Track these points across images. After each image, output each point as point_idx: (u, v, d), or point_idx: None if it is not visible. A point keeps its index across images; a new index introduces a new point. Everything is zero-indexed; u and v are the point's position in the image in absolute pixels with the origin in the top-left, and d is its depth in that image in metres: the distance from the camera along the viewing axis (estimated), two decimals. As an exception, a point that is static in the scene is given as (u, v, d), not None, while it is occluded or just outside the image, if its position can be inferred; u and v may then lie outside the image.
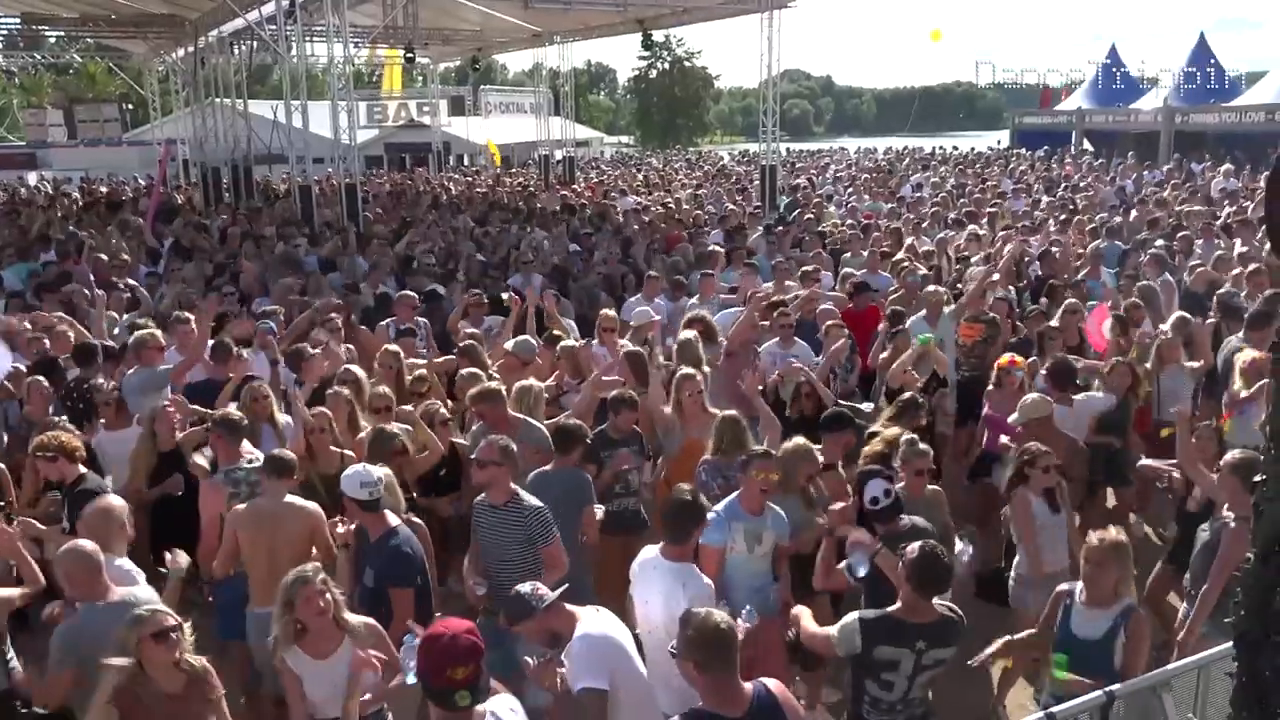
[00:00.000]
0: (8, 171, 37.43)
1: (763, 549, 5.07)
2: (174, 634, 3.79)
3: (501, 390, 6.41)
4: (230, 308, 9.76)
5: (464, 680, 3.10)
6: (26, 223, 18.58)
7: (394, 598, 4.70)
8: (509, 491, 5.10)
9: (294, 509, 5.26)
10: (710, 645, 3.30)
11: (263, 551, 5.12)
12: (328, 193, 20.82)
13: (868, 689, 4.05)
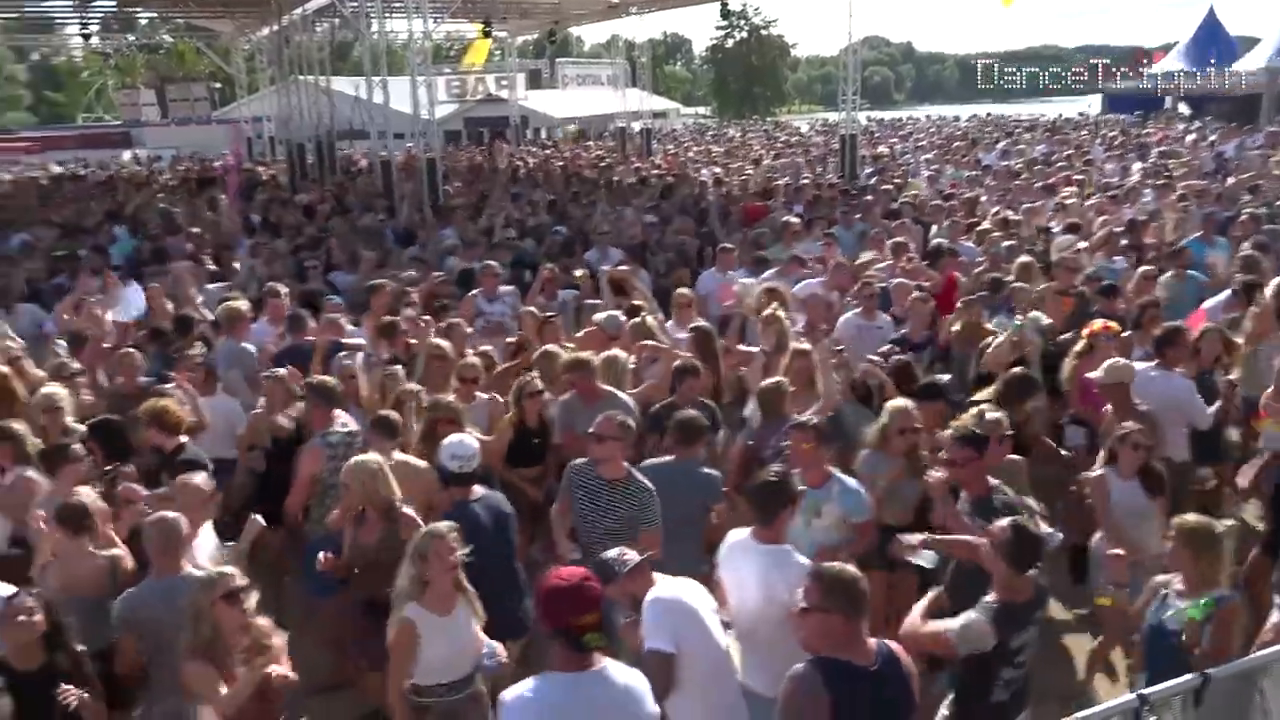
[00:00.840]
0: (104, 150, 38.74)
1: (823, 523, 4.99)
2: (242, 594, 3.96)
3: (592, 360, 6.43)
4: (317, 283, 9.98)
5: (593, 624, 3.29)
6: (124, 199, 19.23)
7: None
8: (624, 468, 5.12)
9: (412, 467, 5.44)
10: (851, 592, 3.35)
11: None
12: (408, 168, 21.10)
13: (1001, 675, 3.97)
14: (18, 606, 3.90)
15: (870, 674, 3.33)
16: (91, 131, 45.74)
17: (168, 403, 6.01)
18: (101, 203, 18.94)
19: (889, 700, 3.37)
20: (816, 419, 5.32)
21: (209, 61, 43.50)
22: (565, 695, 3.32)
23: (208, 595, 3.94)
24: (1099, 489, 5.42)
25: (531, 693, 3.34)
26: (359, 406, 6.58)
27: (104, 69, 52.55)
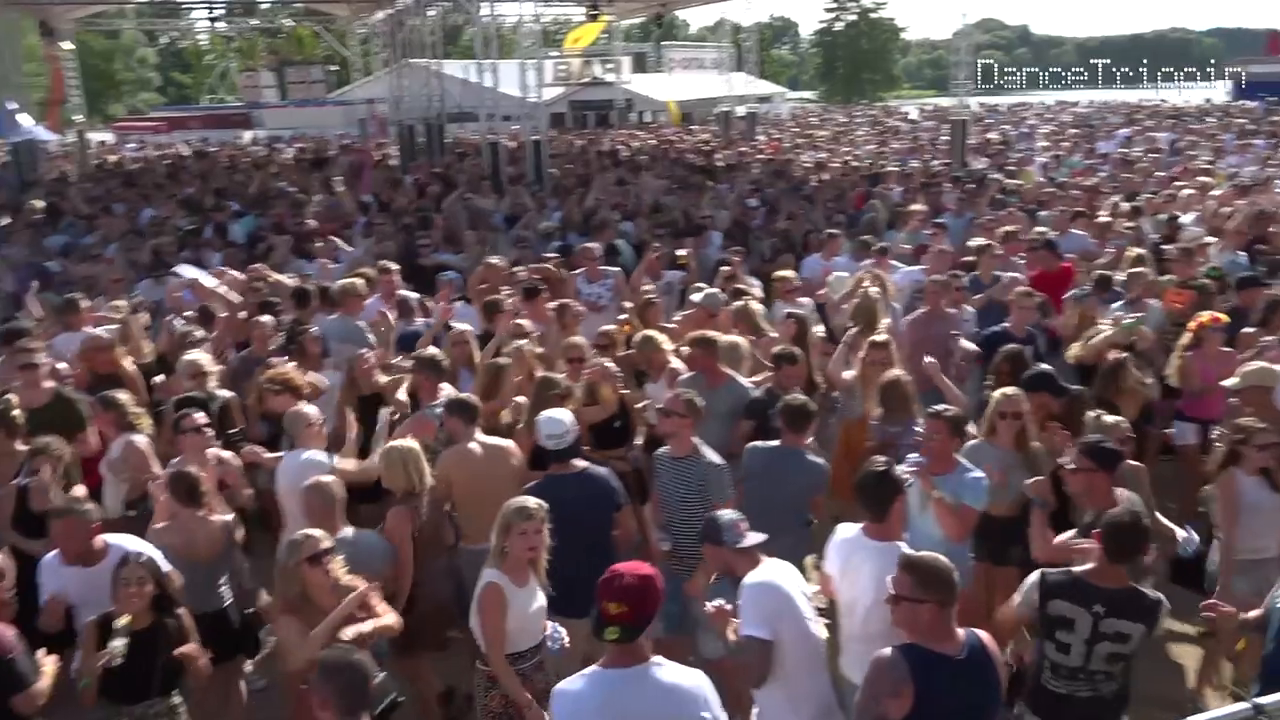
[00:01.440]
0: (226, 130, 40.28)
1: None
2: (326, 556, 4.14)
3: (717, 339, 6.43)
4: (428, 262, 10.25)
5: (616, 617, 3.23)
6: (245, 179, 19.98)
7: None
8: (690, 444, 5.17)
9: (501, 450, 5.52)
10: (943, 581, 3.38)
11: (474, 490, 5.36)
12: (514, 149, 21.41)
13: (1046, 652, 3.93)
14: (128, 577, 4.15)
15: (956, 663, 3.36)
16: (215, 112, 47.55)
17: (293, 371, 6.26)
18: (223, 181, 19.70)
19: (973, 690, 3.39)
20: (952, 410, 5.23)
21: (326, 45, 44.80)
22: (606, 691, 3.31)
23: (294, 557, 4.14)
24: (1227, 489, 5.22)
25: (576, 685, 3.36)
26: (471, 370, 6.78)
27: (227, 52, 54.59)
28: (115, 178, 22.23)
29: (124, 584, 4.13)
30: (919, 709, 3.29)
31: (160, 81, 75.76)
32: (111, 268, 10.10)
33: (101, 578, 4.27)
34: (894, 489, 4.31)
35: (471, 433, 5.51)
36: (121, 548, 4.52)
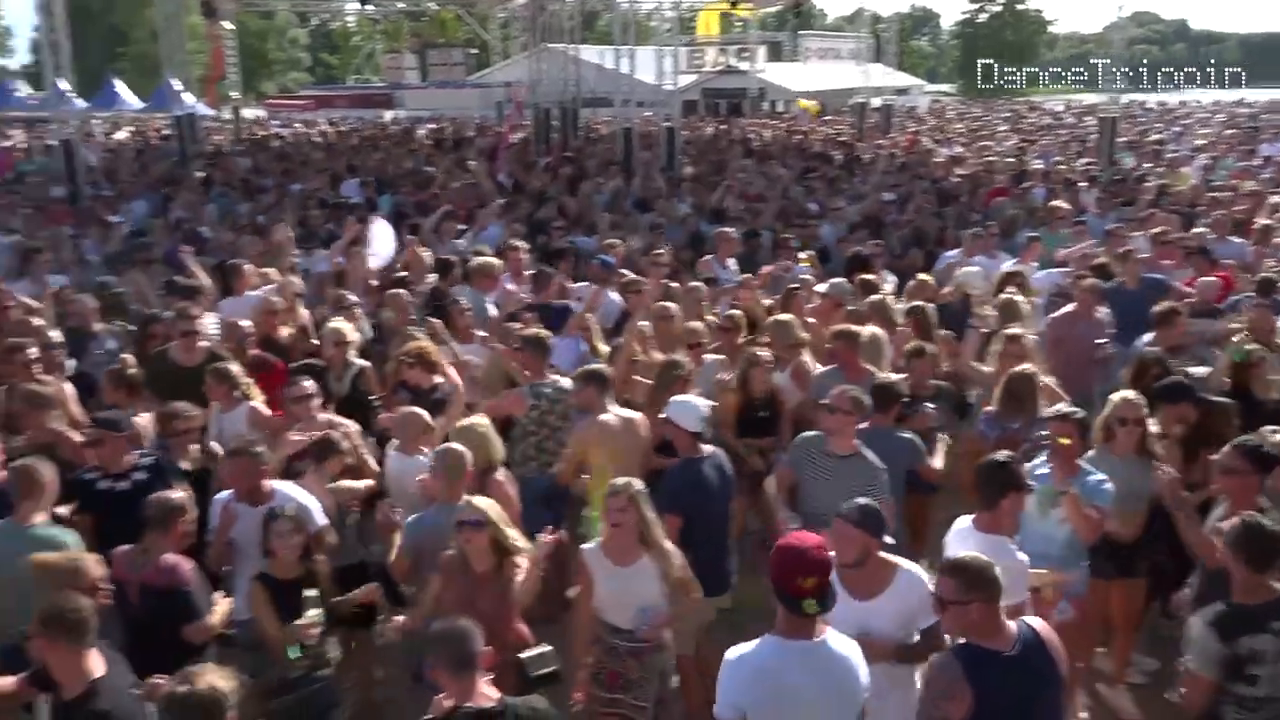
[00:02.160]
0: (369, 110, 41.68)
1: (1060, 513, 4.77)
2: (470, 529, 4.27)
3: (860, 333, 6.38)
4: (559, 242, 10.42)
5: (811, 589, 3.32)
6: (385, 157, 20.66)
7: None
8: (853, 444, 5.14)
9: (633, 422, 5.65)
10: (986, 578, 3.42)
11: (608, 460, 5.49)
12: (646, 135, 21.53)
13: (1233, 690, 3.72)
14: (278, 529, 4.40)
15: (1008, 659, 3.40)
16: (359, 92, 49.30)
17: (429, 344, 6.45)
18: (366, 158, 20.40)
19: (1026, 683, 3.43)
20: (1080, 411, 5.09)
21: (468, 28, 45.80)
22: (779, 659, 3.39)
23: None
24: None
25: (749, 653, 3.44)
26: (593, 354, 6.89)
27: (374, 34, 56.39)
28: (266, 151, 23.30)
29: (276, 535, 4.38)
30: (975, 706, 3.33)
31: (309, 62, 78.87)
32: (260, 238, 10.58)
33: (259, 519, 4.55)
34: (1009, 482, 4.30)
35: (605, 404, 5.65)
36: (285, 495, 4.80)
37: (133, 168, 19.46)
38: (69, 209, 13.83)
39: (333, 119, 38.19)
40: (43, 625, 3.46)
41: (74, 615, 3.48)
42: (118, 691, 3.51)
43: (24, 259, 9.52)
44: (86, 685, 3.46)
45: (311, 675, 4.40)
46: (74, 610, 3.49)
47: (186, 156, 21.08)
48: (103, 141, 27.51)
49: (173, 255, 9.91)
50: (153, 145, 26.12)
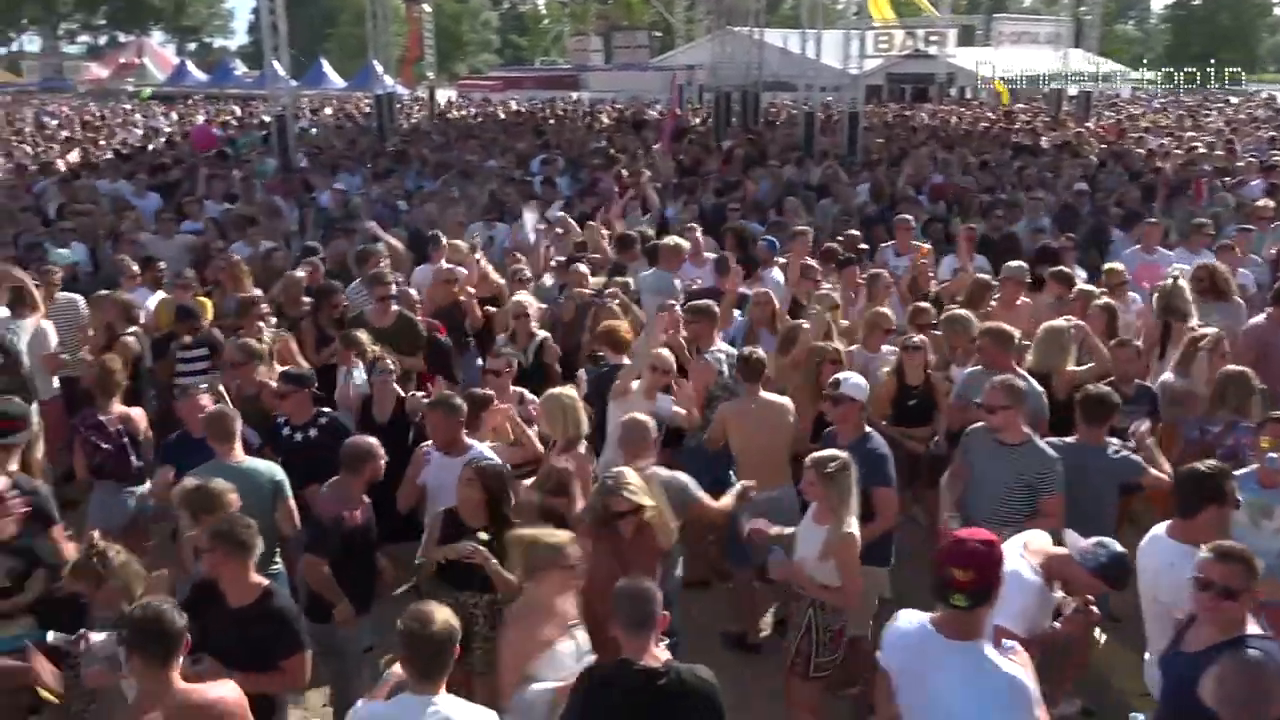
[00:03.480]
0: (555, 91, 42.71)
1: (1273, 524, 4.55)
2: (629, 516, 4.43)
3: (1010, 333, 6.21)
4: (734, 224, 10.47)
5: (964, 583, 3.24)
6: (571, 137, 21.19)
7: (877, 498, 4.97)
8: (1022, 432, 5.05)
9: (777, 405, 5.77)
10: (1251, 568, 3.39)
11: (749, 441, 5.67)
12: (827, 120, 21.24)
13: None
14: (464, 475, 4.70)
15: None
16: (545, 74, 50.54)
17: (620, 324, 6.66)
18: (551, 138, 20.98)
19: None
20: None
21: (654, 10, 46.25)
22: (930, 649, 3.33)
23: (606, 501, 4.49)
24: None
25: (906, 624, 3.45)
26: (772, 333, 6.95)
27: (561, 17, 57.66)
28: (457, 129, 24.30)
29: (459, 480, 4.68)
30: None
31: (499, 44, 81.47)
32: (453, 211, 11.10)
33: (459, 470, 4.84)
34: (1213, 495, 4.07)
35: (753, 389, 5.78)
36: (478, 450, 5.14)
37: (337, 143, 20.67)
38: (279, 180, 14.86)
39: (519, 99, 39.37)
40: (214, 540, 3.87)
41: (243, 532, 3.89)
42: (285, 596, 3.94)
43: (239, 226, 10.38)
44: (259, 592, 3.90)
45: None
46: (244, 527, 3.91)
47: (385, 133, 22.24)
48: (309, 118, 29.25)
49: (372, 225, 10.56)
50: (355, 122, 27.61)
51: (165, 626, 3.25)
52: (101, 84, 51.99)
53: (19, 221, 10.92)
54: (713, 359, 6.39)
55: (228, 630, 3.81)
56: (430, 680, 3.28)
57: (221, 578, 3.91)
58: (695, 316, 6.62)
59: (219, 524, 3.95)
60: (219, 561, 3.89)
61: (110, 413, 5.87)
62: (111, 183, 14.02)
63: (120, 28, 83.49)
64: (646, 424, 5.05)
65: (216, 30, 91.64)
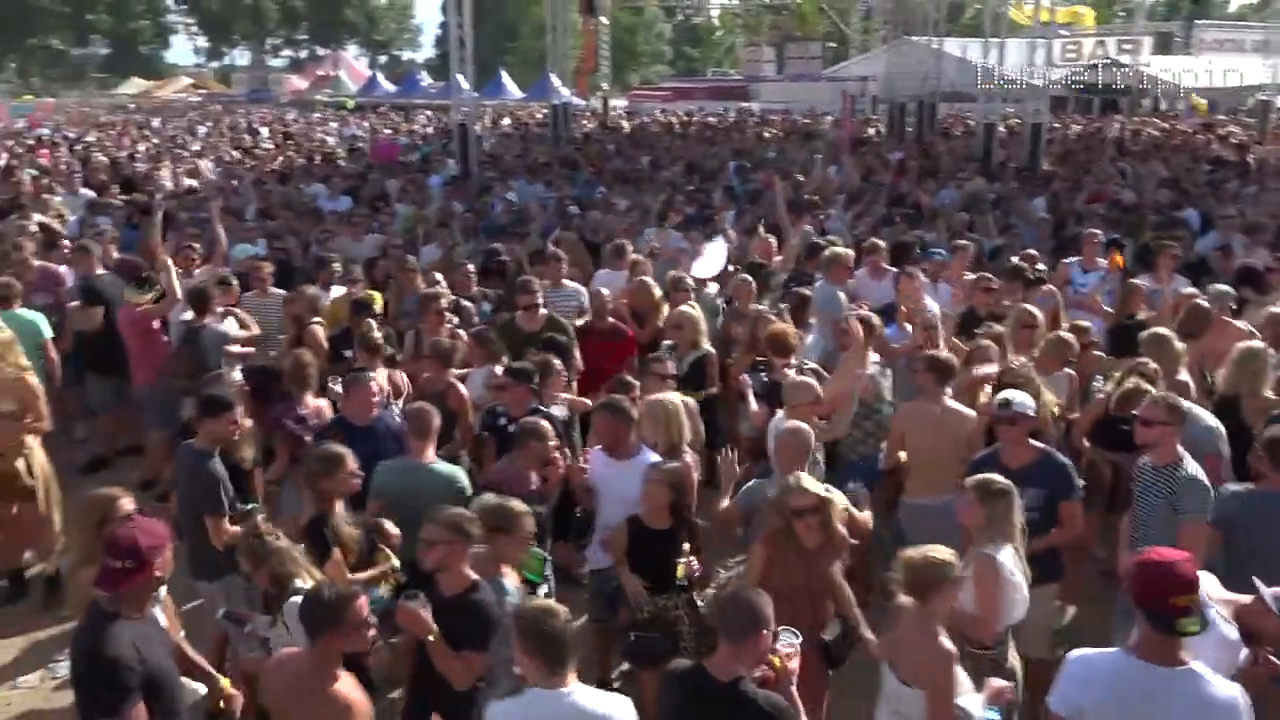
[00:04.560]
0: (726, 101, 42.86)
1: None
2: (809, 514, 4.34)
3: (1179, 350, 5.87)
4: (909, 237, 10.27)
5: (1186, 608, 3.13)
6: (741, 147, 21.25)
7: (1064, 511, 4.84)
8: (1174, 453, 4.77)
9: (958, 414, 5.63)
10: None
11: (925, 446, 5.57)
12: (1007, 133, 20.53)
13: None
14: (652, 477, 4.78)
15: None
16: (717, 84, 50.81)
17: (787, 329, 6.64)
18: (723, 148, 21.08)
19: None
20: None
21: (828, 21, 45.82)
22: (1139, 680, 3.17)
23: (784, 502, 4.42)
24: None
25: (1100, 657, 3.30)
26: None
27: (735, 28, 57.81)
28: (630, 138, 24.74)
29: (646, 480, 4.77)
30: None
31: (671, 55, 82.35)
32: (623, 217, 11.32)
33: (627, 472, 4.99)
34: None
35: (939, 393, 5.66)
36: (649, 453, 5.23)
37: (515, 151, 21.39)
38: (460, 185, 15.51)
39: (691, 109, 39.69)
40: (442, 528, 4.01)
41: (468, 522, 4.05)
42: (490, 594, 4.04)
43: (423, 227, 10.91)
44: (469, 583, 4.02)
45: (653, 623, 4.71)
46: (469, 518, 4.08)
47: (559, 141, 22.88)
48: (489, 127, 30.39)
49: (546, 230, 10.89)
50: (531, 131, 28.51)
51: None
52: (301, 94, 55.60)
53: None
54: (870, 373, 6.24)
55: (442, 620, 3.94)
56: (559, 673, 3.32)
57: (447, 569, 4.04)
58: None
59: (451, 516, 4.08)
60: (450, 553, 4.02)
61: (306, 405, 6.19)
62: (307, 187, 14.97)
63: (320, 42, 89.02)
64: (807, 433, 5.01)
65: (405, 44, 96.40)
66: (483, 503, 4.43)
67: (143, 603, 3.68)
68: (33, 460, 6.35)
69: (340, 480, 4.74)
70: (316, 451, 4.93)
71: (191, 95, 60.62)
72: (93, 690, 3.48)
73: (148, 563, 3.54)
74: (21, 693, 5.70)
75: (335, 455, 4.76)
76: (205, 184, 16.35)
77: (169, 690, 3.66)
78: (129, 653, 3.44)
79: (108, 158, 19.48)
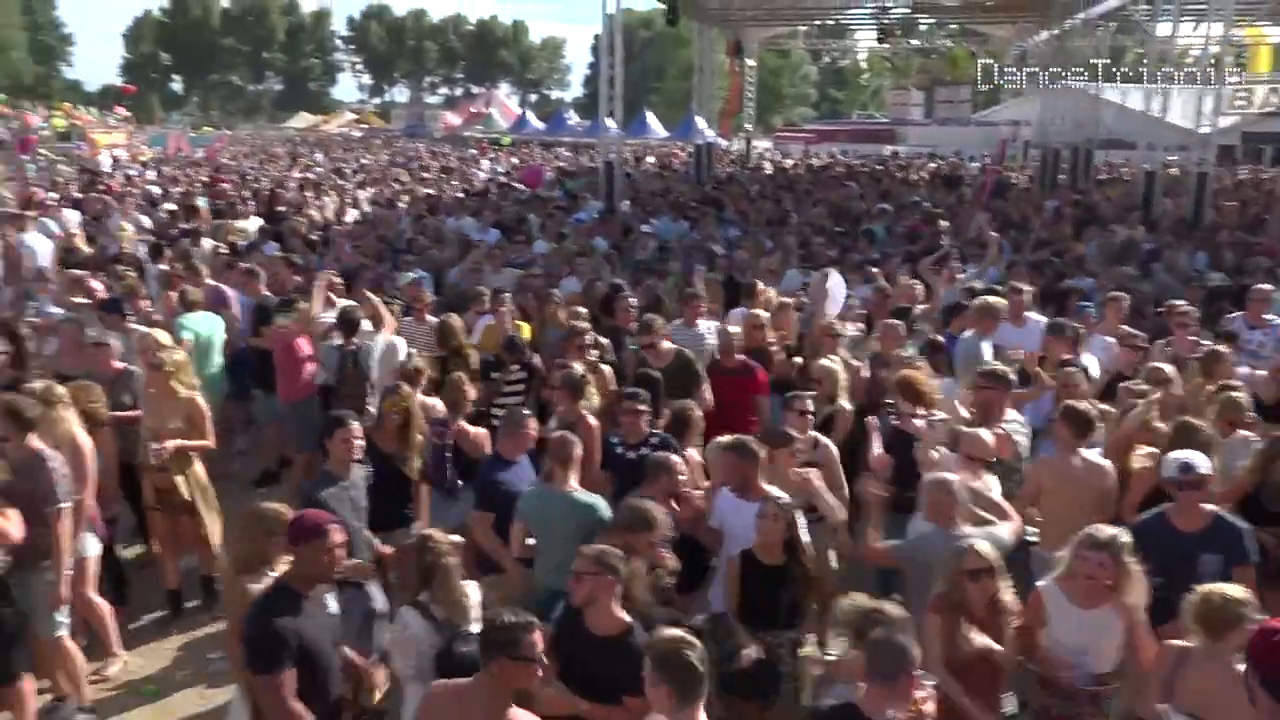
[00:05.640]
0: (870, 144, 42.50)
1: None
2: (985, 576, 4.20)
3: None
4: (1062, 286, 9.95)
5: None
6: (887, 190, 21.01)
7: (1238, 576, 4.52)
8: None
9: (1098, 468, 5.49)
10: None
11: (1059, 498, 5.45)
12: (1173, 182, 19.69)
13: None
14: (767, 511, 4.76)
15: None
16: (861, 127, 50.42)
17: (920, 376, 6.49)
18: (868, 190, 20.90)
19: None
20: None
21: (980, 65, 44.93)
22: None
23: (955, 564, 4.26)
24: None
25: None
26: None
27: (883, 71, 57.36)
28: (772, 179, 24.80)
29: (761, 516, 4.76)
30: None
31: (816, 97, 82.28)
32: (767, 258, 11.33)
33: (753, 514, 4.91)
34: None
35: (1075, 445, 5.52)
36: (773, 492, 5.14)
37: (658, 189, 21.72)
38: (605, 221, 15.83)
39: (832, 151, 39.55)
40: (591, 561, 4.04)
41: (617, 559, 4.08)
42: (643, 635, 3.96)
43: (567, 262, 11.17)
44: (624, 626, 4.02)
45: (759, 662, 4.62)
46: (617, 555, 4.10)
47: (702, 181, 23.10)
48: (632, 165, 30.96)
49: (688, 268, 11.00)
50: (673, 170, 28.89)
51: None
52: (454, 130, 57.90)
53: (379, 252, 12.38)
54: (1009, 430, 6.05)
55: (591, 659, 3.96)
56: (691, 704, 3.32)
57: (594, 605, 4.05)
58: (988, 383, 6.24)
59: (600, 550, 4.11)
60: (598, 587, 4.03)
61: (458, 428, 6.38)
62: (458, 220, 15.55)
63: (475, 80, 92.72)
64: (961, 487, 4.90)
65: (555, 83, 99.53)
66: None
67: (310, 583, 3.97)
68: (191, 475, 6.64)
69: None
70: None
71: (353, 129, 63.95)
72: (252, 648, 3.86)
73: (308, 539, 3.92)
74: (181, 687, 6.06)
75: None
76: (364, 214, 17.20)
77: (323, 670, 3.92)
78: (287, 622, 3.80)
79: (275, 188, 20.66)
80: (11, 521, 4.99)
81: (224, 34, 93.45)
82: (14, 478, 5.29)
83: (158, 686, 6.06)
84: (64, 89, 77.73)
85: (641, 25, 76.65)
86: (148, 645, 6.49)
